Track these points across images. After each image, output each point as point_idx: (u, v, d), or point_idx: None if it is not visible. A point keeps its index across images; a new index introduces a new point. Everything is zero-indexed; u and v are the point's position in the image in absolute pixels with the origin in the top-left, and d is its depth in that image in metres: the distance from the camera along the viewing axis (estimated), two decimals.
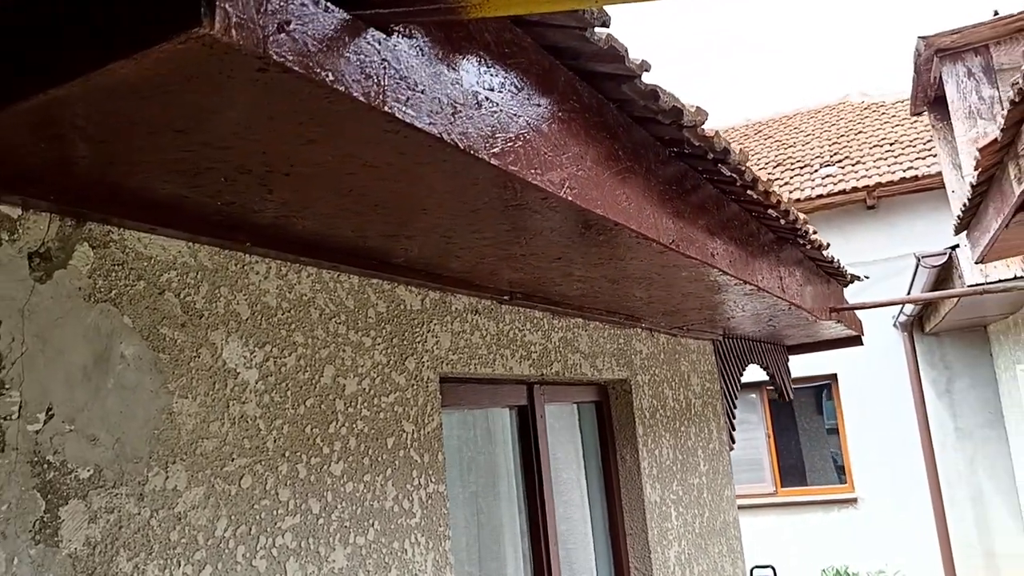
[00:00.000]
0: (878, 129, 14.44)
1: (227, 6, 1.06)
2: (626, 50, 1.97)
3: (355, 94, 1.29)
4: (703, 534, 4.95)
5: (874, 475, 11.81)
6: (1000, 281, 7.11)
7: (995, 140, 4.45)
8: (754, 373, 7.38)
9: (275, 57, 1.14)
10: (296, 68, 1.17)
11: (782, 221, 3.66)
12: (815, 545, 11.83)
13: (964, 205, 5.90)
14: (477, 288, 3.04)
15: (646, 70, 2.08)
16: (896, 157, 12.82)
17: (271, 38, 1.13)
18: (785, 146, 15.01)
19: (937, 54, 7.01)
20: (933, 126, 7.93)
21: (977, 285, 6.81)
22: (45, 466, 1.57)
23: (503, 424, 3.63)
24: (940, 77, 7.39)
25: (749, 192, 3.12)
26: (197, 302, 1.95)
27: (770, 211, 3.45)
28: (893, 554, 11.40)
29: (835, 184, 12.45)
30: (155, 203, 1.76)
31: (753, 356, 6.55)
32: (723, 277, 3.32)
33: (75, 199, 1.65)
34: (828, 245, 4.45)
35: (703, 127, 2.46)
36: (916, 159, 12.48)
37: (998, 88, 6.80)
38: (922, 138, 13.19)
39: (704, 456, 5.19)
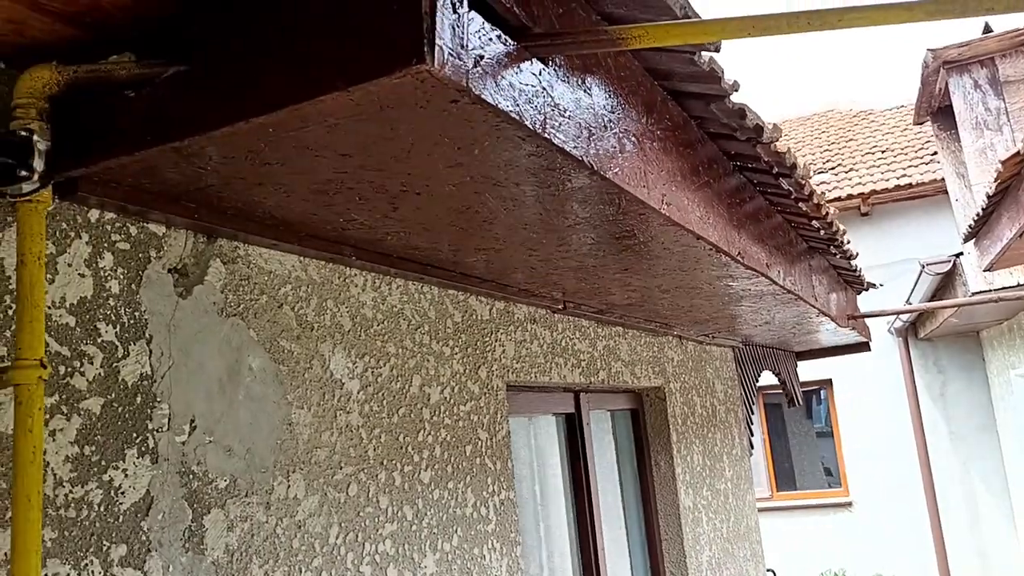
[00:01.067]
0: (869, 137, 14.60)
1: (443, 44, 1.12)
2: (723, 71, 2.05)
3: (525, 122, 1.35)
4: (730, 538, 5.03)
5: (868, 479, 11.94)
6: (1006, 288, 7.26)
7: (1018, 153, 4.57)
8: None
9: (473, 90, 1.20)
10: (487, 99, 1.24)
11: (822, 232, 3.75)
12: (812, 549, 11.93)
13: (977, 214, 6.03)
14: (535, 297, 3.10)
15: (736, 90, 2.15)
16: (889, 165, 12.97)
17: (470, 72, 1.19)
18: None
19: (944, 66, 7.16)
20: (936, 135, 8.08)
21: (989, 291, 6.95)
22: (191, 476, 1.62)
23: (545, 431, 3.69)
24: (945, 88, 7.54)
25: (801, 204, 3.20)
26: (308, 315, 2.00)
27: (814, 222, 3.54)
28: (889, 556, 11.54)
29: (830, 191, 12.59)
30: (283, 220, 1.81)
31: (767, 362, 6.65)
32: (771, 286, 3.40)
33: (210, 216, 1.70)
34: (857, 255, 4.55)
35: (777, 143, 2.54)
36: (909, 167, 12.63)
37: (1004, 100, 6.95)
38: (913, 146, 13.34)
39: (729, 462, 5.28)
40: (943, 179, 11.84)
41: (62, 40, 1.33)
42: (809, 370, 11.05)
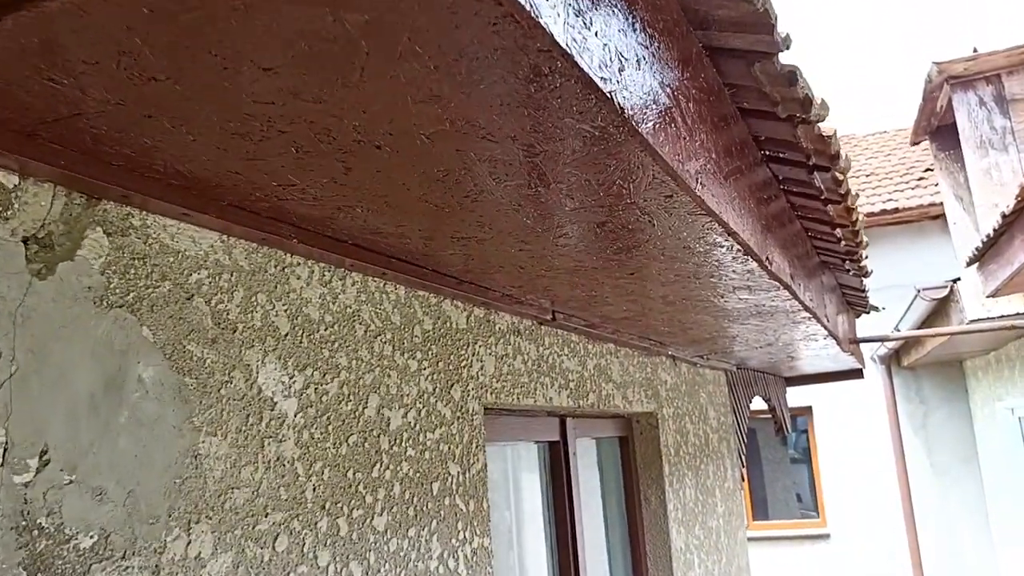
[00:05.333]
0: (852, 160, 14.35)
1: None
2: (776, 18, 1.60)
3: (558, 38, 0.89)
4: None
5: (847, 510, 11.62)
6: (1003, 317, 6.90)
7: None
8: None
9: None
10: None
11: (843, 244, 3.32)
12: None
13: (987, 236, 5.67)
14: (521, 305, 2.64)
15: (787, 47, 1.71)
16: (874, 189, 12.73)
17: None
18: None
19: (948, 81, 6.82)
20: (935, 156, 7.75)
21: (993, 319, 6.57)
22: (36, 532, 1.12)
23: (525, 460, 3.21)
24: (946, 105, 7.22)
25: (830, 208, 2.76)
26: (231, 311, 1.52)
27: (838, 231, 3.11)
28: None
29: None
30: (195, 181, 1.33)
31: (758, 387, 6.23)
32: (790, 302, 2.97)
33: (88, 167, 1.22)
34: (872, 272, 4.13)
35: (822, 125, 2.10)
36: (895, 191, 12.41)
37: (1010, 119, 6.63)
38: (898, 171, 13.15)
39: (721, 496, 4.82)
40: (929, 204, 11.60)
41: None
42: (790, 398, 10.69)
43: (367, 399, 1.87)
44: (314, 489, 1.66)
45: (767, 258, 2.28)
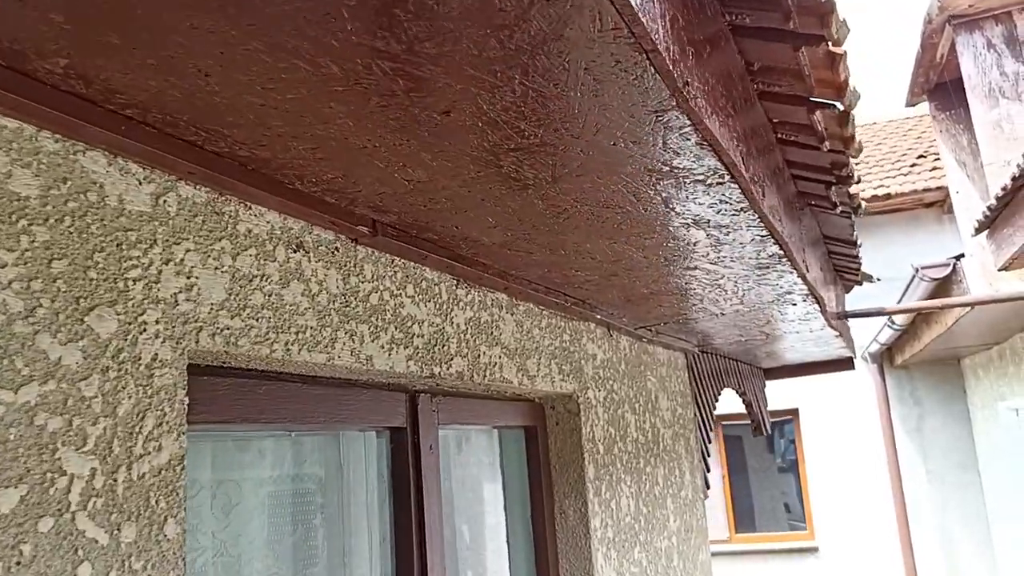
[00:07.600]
0: None
1: None
2: None
3: None
4: None
5: (837, 521, 10.75)
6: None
7: None
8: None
9: None
10: None
11: (826, 145, 2.27)
12: None
13: (1003, 190, 4.65)
14: (303, 199, 1.58)
15: None
16: (864, 176, 12.02)
17: None
18: None
19: (950, 22, 5.83)
20: (934, 117, 6.76)
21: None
22: None
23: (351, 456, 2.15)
24: (948, 53, 6.24)
25: (807, 71, 1.71)
26: None
27: (818, 116, 2.06)
28: None
29: None
30: None
31: (729, 378, 5.19)
32: (750, 215, 1.93)
33: None
34: (862, 207, 3.09)
35: None
36: (886, 178, 11.72)
37: (1023, 63, 5.64)
38: (889, 159, 12.54)
39: (675, 508, 3.75)
40: (924, 190, 10.70)
41: None
42: (772, 399, 9.74)
43: None
44: None
45: (685, 82, 1.25)
